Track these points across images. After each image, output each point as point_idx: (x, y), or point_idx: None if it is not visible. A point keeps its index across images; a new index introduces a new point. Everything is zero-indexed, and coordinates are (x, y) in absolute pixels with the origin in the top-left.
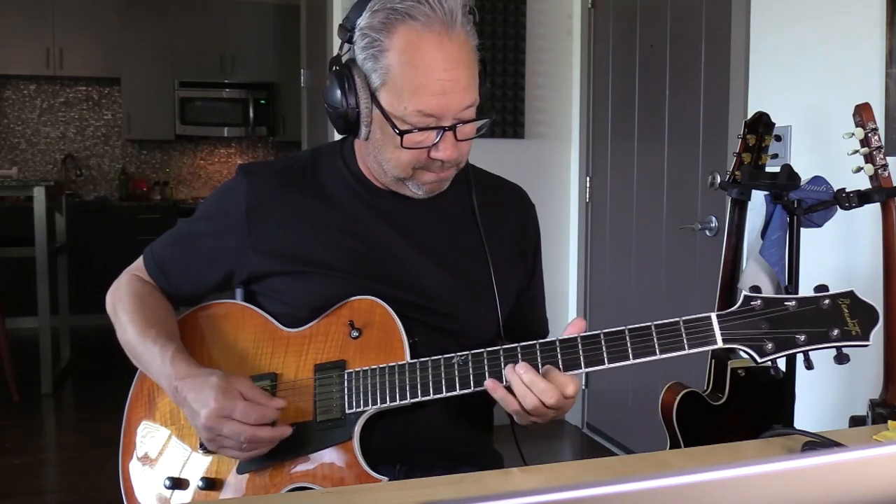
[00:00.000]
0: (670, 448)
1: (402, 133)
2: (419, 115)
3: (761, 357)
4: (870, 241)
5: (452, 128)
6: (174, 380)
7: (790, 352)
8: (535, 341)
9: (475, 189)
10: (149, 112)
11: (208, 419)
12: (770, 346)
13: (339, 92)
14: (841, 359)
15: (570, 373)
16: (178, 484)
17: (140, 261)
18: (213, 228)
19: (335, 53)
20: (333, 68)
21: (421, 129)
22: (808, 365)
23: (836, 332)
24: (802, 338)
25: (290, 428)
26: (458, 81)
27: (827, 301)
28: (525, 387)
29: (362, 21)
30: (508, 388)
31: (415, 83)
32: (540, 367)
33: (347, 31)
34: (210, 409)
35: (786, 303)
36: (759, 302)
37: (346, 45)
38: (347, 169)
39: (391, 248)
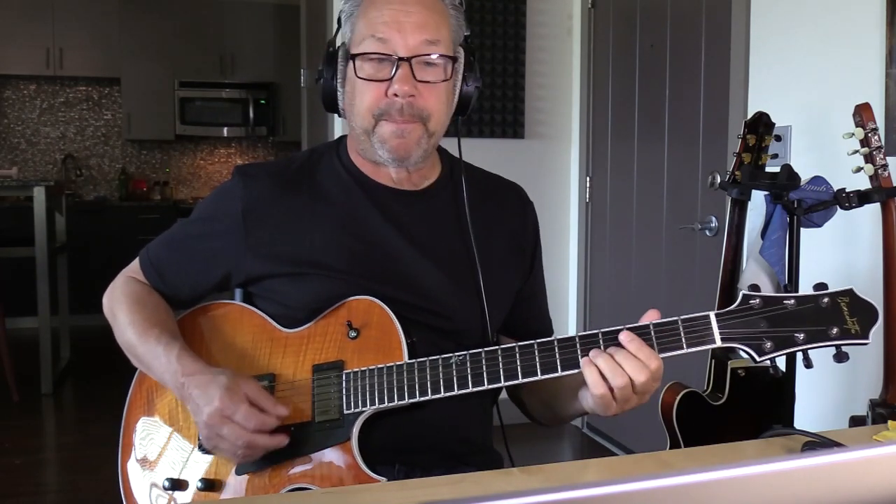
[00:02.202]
0: (670, 448)
1: (354, 56)
2: (372, 41)
3: (760, 356)
4: (870, 241)
5: (408, 60)
6: (181, 376)
7: (789, 350)
8: (532, 341)
9: (471, 186)
10: (149, 112)
11: (210, 417)
12: (769, 344)
13: (324, 66)
14: (840, 357)
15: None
16: (177, 485)
17: (136, 263)
18: (209, 230)
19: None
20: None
21: (372, 54)
22: (808, 364)
23: (835, 330)
24: (801, 336)
25: (286, 438)
26: (411, 14)
27: (826, 299)
28: (616, 364)
29: None
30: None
31: (370, 16)
32: (539, 368)
33: (338, 20)
34: (213, 407)
35: (784, 301)
36: (757, 301)
37: (338, 36)
38: (344, 167)
39: (389, 246)
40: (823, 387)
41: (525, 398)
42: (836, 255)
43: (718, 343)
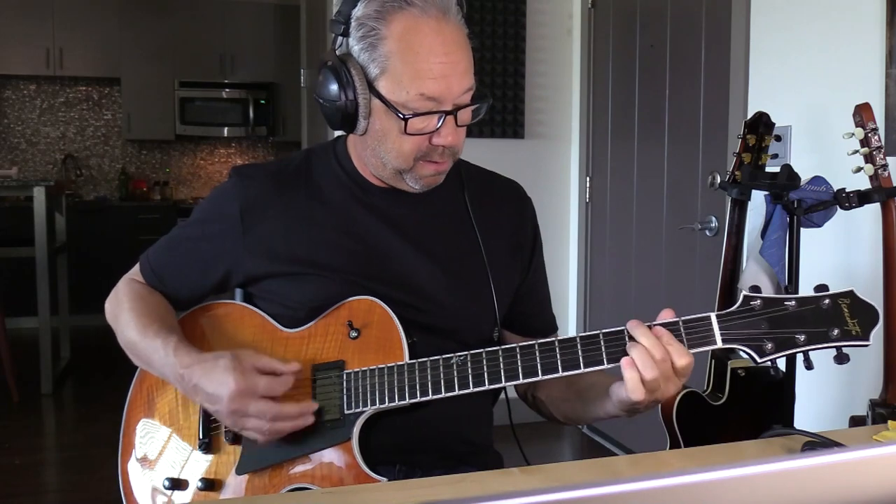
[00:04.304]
0: (670, 448)
1: (405, 118)
2: (421, 100)
3: (761, 357)
4: (870, 241)
5: (454, 112)
6: (180, 369)
7: (790, 352)
8: (533, 341)
9: (469, 185)
10: (149, 112)
11: (232, 401)
12: (770, 346)
13: (335, 85)
14: (841, 359)
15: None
16: (177, 484)
17: (136, 267)
18: (207, 232)
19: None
20: (327, 63)
21: (423, 114)
22: (808, 365)
23: (835, 331)
24: (802, 338)
25: (314, 403)
26: (457, 64)
27: (827, 301)
28: (646, 353)
29: (357, 11)
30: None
31: (416, 67)
32: (540, 368)
33: (341, 24)
34: (231, 390)
35: (785, 303)
36: (758, 302)
37: (339, 39)
38: (342, 168)
39: (387, 246)
40: (823, 387)
41: (544, 396)
42: (836, 255)
43: (719, 344)
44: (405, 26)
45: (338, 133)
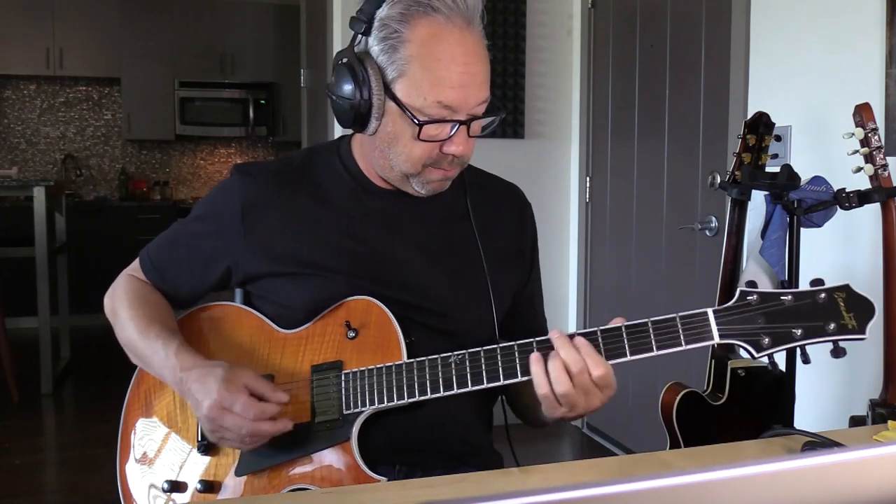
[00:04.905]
0: (670, 448)
1: (420, 124)
2: (438, 107)
3: (758, 352)
4: (870, 241)
5: (468, 122)
6: (179, 371)
7: (787, 346)
8: (532, 339)
9: (471, 188)
10: (149, 112)
11: (210, 410)
12: (766, 340)
13: (351, 83)
14: (837, 353)
15: (613, 361)
16: (176, 486)
17: (136, 263)
18: (208, 229)
19: (339, 49)
20: (343, 59)
21: (437, 121)
22: (805, 359)
23: (832, 325)
24: (799, 332)
25: (290, 422)
26: (476, 75)
27: (823, 295)
28: (562, 366)
29: (381, 12)
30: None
31: (436, 74)
32: None
33: (363, 23)
34: (212, 399)
35: (782, 297)
36: (755, 297)
37: (359, 38)
38: (345, 168)
39: (387, 248)
40: (823, 387)
41: (514, 398)
42: (836, 255)
43: (716, 340)
44: (429, 32)
45: (339, 133)
